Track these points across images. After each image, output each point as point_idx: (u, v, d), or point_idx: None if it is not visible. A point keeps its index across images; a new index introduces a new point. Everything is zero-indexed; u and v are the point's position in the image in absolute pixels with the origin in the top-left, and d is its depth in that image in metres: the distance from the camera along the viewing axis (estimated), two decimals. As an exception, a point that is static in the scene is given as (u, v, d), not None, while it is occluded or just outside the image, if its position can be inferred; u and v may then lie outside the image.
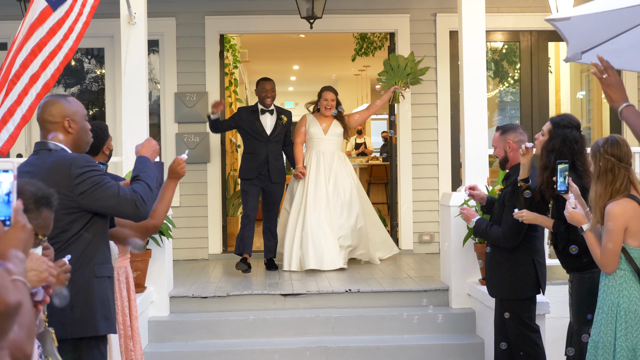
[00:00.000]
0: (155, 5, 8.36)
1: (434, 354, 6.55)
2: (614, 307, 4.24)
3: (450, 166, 9.57)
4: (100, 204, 3.56)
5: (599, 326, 4.30)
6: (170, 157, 9.36)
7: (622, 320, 4.21)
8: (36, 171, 3.58)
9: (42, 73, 5.13)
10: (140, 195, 3.63)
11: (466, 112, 7.11)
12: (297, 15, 8.85)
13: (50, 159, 3.60)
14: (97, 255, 3.60)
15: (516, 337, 5.43)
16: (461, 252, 6.95)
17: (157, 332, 6.76)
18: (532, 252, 5.33)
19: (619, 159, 4.27)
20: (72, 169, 3.54)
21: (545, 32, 9.67)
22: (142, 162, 3.89)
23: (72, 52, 5.19)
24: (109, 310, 3.67)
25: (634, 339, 4.13)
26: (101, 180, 3.59)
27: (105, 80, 9.71)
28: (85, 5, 5.20)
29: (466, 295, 6.98)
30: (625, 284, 4.24)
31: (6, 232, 2.00)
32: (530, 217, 5.05)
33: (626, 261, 4.26)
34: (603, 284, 4.34)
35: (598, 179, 4.30)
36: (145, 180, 3.74)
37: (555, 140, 4.96)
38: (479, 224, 5.46)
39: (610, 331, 4.24)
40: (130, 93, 6.84)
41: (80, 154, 3.70)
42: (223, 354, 6.55)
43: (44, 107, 3.75)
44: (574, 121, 5.07)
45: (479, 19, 7.08)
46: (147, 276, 6.77)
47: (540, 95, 9.87)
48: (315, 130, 8.61)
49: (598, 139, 4.44)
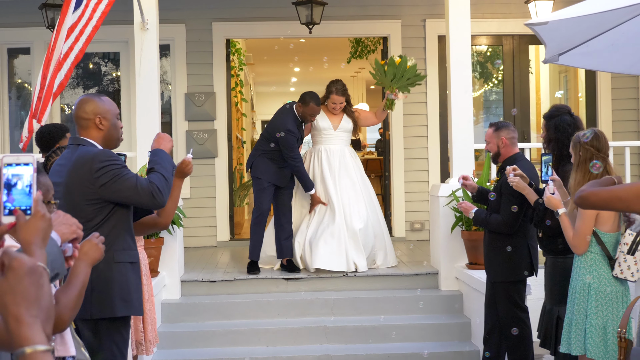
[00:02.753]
0: (167, 13, 8.36)
1: (425, 332, 6.56)
2: (585, 287, 4.26)
3: (439, 160, 9.57)
4: (119, 194, 3.55)
5: (572, 305, 4.31)
6: (181, 153, 9.36)
7: (593, 300, 4.22)
8: (66, 164, 3.61)
9: (58, 73, 5.12)
10: (156, 186, 3.62)
11: (454, 110, 7.10)
12: (297, 22, 8.85)
13: (76, 154, 3.61)
14: (117, 242, 3.59)
15: (507, 317, 5.44)
16: (449, 239, 6.95)
17: (169, 314, 6.76)
18: (527, 237, 5.35)
19: (598, 149, 4.29)
20: (93, 163, 3.54)
21: (526, 36, 9.65)
22: (157, 154, 3.87)
23: (81, 53, 5.17)
24: (129, 293, 3.63)
25: (604, 317, 4.13)
26: (120, 172, 3.58)
27: (120, 82, 9.70)
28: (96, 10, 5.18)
29: (454, 278, 6.99)
30: (595, 265, 4.25)
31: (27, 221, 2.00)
32: (520, 186, 5.05)
33: (597, 244, 4.28)
34: (575, 266, 4.35)
35: (578, 167, 4.32)
36: (160, 172, 3.72)
37: (550, 131, 4.97)
38: (478, 214, 5.46)
39: (582, 309, 4.25)
40: (144, 93, 6.83)
41: (102, 149, 3.69)
42: (230, 334, 6.55)
43: (78, 104, 3.75)
44: (562, 108, 5.07)
45: (465, 24, 7.07)
46: (160, 262, 6.77)
47: (522, 95, 9.87)
48: (324, 125, 7.46)
49: (579, 132, 4.45)
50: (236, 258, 8.37)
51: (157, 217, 3.97)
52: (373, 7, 9.51)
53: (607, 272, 4.22)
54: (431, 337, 6.55)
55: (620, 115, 9.60)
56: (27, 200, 2.00)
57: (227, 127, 9.65)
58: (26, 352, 1.47)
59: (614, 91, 9.62)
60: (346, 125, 7.52)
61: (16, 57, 9.57)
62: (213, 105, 9.45)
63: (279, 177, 7.26)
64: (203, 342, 6.52)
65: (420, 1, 9.48)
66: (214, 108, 9.48)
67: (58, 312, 2.70)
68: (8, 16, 9.21)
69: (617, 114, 9.61)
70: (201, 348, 6.48)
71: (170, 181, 3.77)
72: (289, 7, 8.83)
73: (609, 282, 4.23)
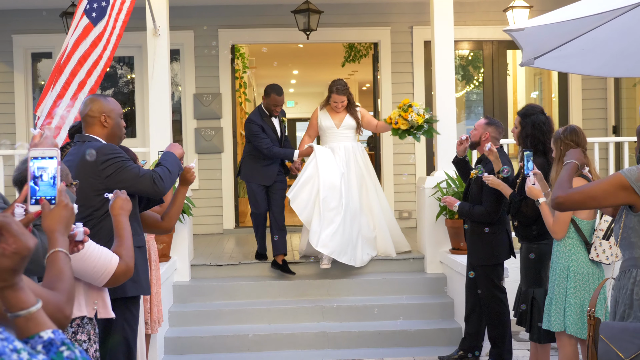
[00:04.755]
0: (176, 20, 8.35)
1: (412, 311, 6.58)
2: (565, 270, 4.27)
3: (425, 155, 9.57)
4: (124, 184, 3.54)
5: (552, 286, 4.33)
6: (191, 149, 9.37)
7: (572, 281, 4.24)
8: (74, 159, 3.61)
9: (88, 80, 5.13)
10: (158, 174, 3.65)
11: (438, 109, 7.11)
12: (295, 28, 8.84)
13: (82, 149, 3.61)
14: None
15: (487, 297, 5.46)
16: (434, 227, 6.96)
17: (180, 295, 6.77)
18: (505, 225, 5.37)
19: (577, 143, 4.33)
20: (98, 156, 3.55)
21: (504, 42, 9.65)
22: (167, 154, 3.91)
23: (110, 61, 5.18)
24: (137, 274, 3.62)
25: (581, 297, 4.15)
26: (123, 164, 3.60)
27: (135, 84, 9.67)
28: (118, 20, 5.19)
29: (438, 262, 7.00)
30: (574, 250, 4.27)
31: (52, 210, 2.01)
32: (495, 183, 5.08)
33: (575, 231, 4.30)
34: (555, 251, 4.36)
35: (559, 160, 4.34)
36: (164, 165, 3.77)
37: (527, 128, 4.98)
38: (462, 207, 5.48)
39: (562, 290, 4.27)
40: (156, 94, 6.82)
41: (106, 143, 3.69)
42: (235, 313, 6.56)
43: (86, 104, 3.76)
44: (537, 108, 5.10)
45: (449, 31, 7.06)
46: (172, 248, 6.78)
47: (500, 95, 9.87)
48: (327, 124, 7.11)
49: (559, 129, 4.47)
50: (241, 244, 8.37)
51: (160, 221, 3.98)
52: (365, 15, 9.50)
53: (585, 256, 4.24)
54: (418, 316, 6.57)
55: (590, 113, 9.61)
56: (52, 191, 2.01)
57: (232, 125, 9.64)
58: (31, 312, 1.50)
59: (584, 92, 9.63)
60: (349, 122, 7.12)
61: (39, 60, 9.55)
62: (219, 104, 9.44)
63: (264, 175, 6.93)
64: (211, 320, 6.53)
65: (407, 9, 9.46)
66: (220, 107, 9.47)
67: (126, 262, 2.76)
68: (32, 23, 9.21)
69: (586, 113, 9.62)
70: (209, 326, 6.49)
71: (174, 174, 3.79)
72: (288, 15, 8.82)
73: (586, 265, 4.25)
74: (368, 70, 11.66)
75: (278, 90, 6.93)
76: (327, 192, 6.65)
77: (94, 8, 5.18)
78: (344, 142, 7.08)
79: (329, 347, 6.24)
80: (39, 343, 1.43)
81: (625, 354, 3.01)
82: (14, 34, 9.30)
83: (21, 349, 1.31)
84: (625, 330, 3.04)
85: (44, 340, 1.43)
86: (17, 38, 9.31)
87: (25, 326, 1.49)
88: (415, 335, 6.31)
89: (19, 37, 9.31)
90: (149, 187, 3.63)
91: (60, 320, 1.83)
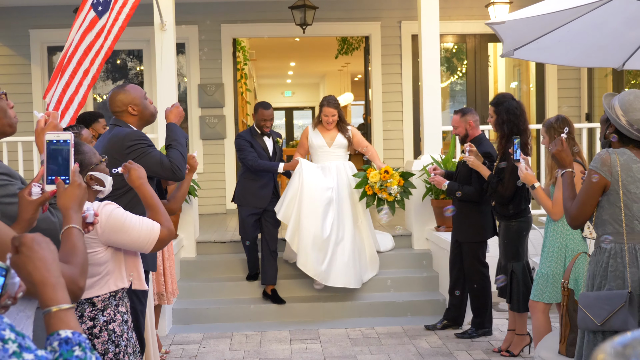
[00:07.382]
0: (182, 15, 8.29)
1: (401, 284, 6.59)
2: (562, 248, 4.26)
3: (412, 140, 9.55)
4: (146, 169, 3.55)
5: (548, 262, 4.29)
6: (196, 135, 9.35)
7: (569, 258, 4.24)
8: (102, 140, 3.70)
9: (91, 68, 5.09)
10: (176, 165, 3.71)
11: (425, 98, 7.08)
12: (292, 23, 8.80)
13: (112, 133, 3.69)
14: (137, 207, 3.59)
15: (471, 271, 5.48)
16: (421, 206, 6.96)
17: (187, 270, 6.77)
18: (488, 204, 5.37)
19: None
20: (124, 141, 3.61)
21: (486, 35, 9.61)
22: (172, 129, 3.92)
23: (110, 50, 5.12)
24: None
25: (576, 272, 4.16)
26: (147, 150, 3.65)
27: (144, 75, 9.62)
28: (121, 13, 5.13)
29: (425, 239, 7.01)
30: (570, 229, 4.24)
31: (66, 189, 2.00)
32: (475, 164, 5.08)
33: None
34: (551, 229, 4.31)
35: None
36: (177, 148, 3.80)
37: (502, 114, 4.98)
38: (450, 186, 5.45)
39: (560, 266, 4.26)
40: (164, 85, 6.78)
41: (134, 130, 3.71)
42: (238, 286, 6.57)
43: (109, 100, 3.77)
44: (507, 95, 5.12)
45: (435, 25, 7.02)
46: (179, 226, 6.77)
47: (482, 85, 9.84)
48: (319, 142, 6.43)
49: (550, 118, 4.45)
50: (242, 223, 8.35)
51: (167, 203, 3.98)
52: (356, 11, 9.45)
53: (579, 235, 4.24)
54: (406, 288, 6.58)
55: (565, 102, 9.60)
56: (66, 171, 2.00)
57: (234, 113, 9.60)
58: (52, 311, 1.48)
59: (559, 81, 9.61)
60: (341, 141, 6.43)
61: (55, 54, 9.47)
62: (222, 94, 9.40)
63: (258, 198, 6.34)
64: (215, 293, 6.54)
65: (396, 5, 9.41)
66: (223, 97, 9.43)
67: (167, 226, 2.75)
68: (48, 19, 9.14)
69: (562, 101, 9.61)
70: (214, 298, 6.50)
71: (185, 155, 3.84)
72: (285, 10, 8.79)
73: (581, 242, 4.25)
74: (360, 62, 11.62)
75: (265, 105, 6.36)
76: (311, 208, 6.14)
77: (100, 2, 5.14)
78: (336, 161, 6.44)
79: (325, 319, 6.26)
80: (56, 340, 1.41)
81: (598, 319, 3.08)
82: (31, 28, 9.23)
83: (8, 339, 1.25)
84: (599, 298, 3.10)
85: (61, 338, 1.40)
86: (33, 33, 9.24)
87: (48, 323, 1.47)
88: (403, 306, 6.32)
89: (36, 32, 9.23)
90: (169, 174, 3.71)
91: (74, 292, 1.82)
